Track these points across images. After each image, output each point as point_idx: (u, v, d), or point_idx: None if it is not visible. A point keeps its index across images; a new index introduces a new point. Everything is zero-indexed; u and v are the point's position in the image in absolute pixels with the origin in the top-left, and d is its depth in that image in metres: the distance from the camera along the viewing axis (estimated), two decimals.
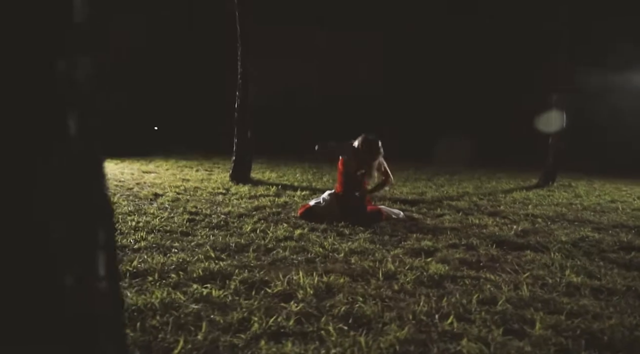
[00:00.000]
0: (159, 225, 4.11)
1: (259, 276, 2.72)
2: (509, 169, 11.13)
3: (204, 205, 5.33)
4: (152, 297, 2.26)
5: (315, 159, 12.03)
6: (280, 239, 3.73)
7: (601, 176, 9.47)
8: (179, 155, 12.55)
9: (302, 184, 7.57)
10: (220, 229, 4.09)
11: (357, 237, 3.91)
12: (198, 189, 6.75)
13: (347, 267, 3.02)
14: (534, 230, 4.40)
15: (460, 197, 6.50)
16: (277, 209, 5.22)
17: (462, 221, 4.77)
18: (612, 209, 5.72)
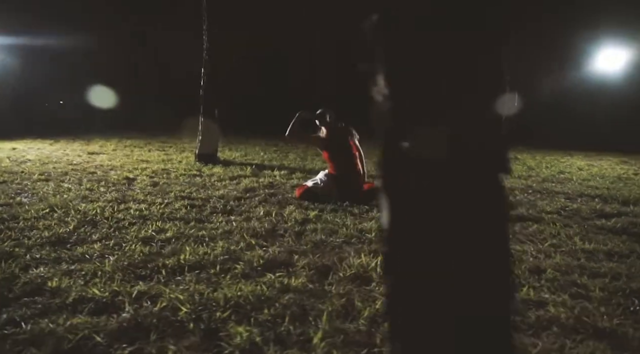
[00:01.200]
0: (165, 213, 3.90)
1: (317, 260, 2.74)
2: None
3: (190, 188, 5.12)
4: (239, 290, 2.20)
5: (271, 137, 11.89)
6: (301, 222, 3.73)
7: (537, 149, 10.40)
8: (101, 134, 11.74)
9: (273, 163, 7.49)
10: (230, 214, 3.98)
11: (369, 216, 4.01)
12: (168, 171, 6.43)
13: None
14: (517, 202, 4.80)
15: None
16: (269, 190, 5.16)
17: None
18: (567, 180, 6.37)
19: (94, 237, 3.13)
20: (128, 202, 4.30)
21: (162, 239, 3.12)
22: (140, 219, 3.67)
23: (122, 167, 6.74)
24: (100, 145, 9.77)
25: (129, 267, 2.54)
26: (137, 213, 3.83)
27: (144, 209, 4.02)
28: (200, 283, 2.32)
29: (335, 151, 4.89)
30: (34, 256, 2.70)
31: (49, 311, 1.98)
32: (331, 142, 4.92)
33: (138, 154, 8.34)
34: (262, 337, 1.74)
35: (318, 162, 7.69)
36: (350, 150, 4.91)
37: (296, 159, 8.14)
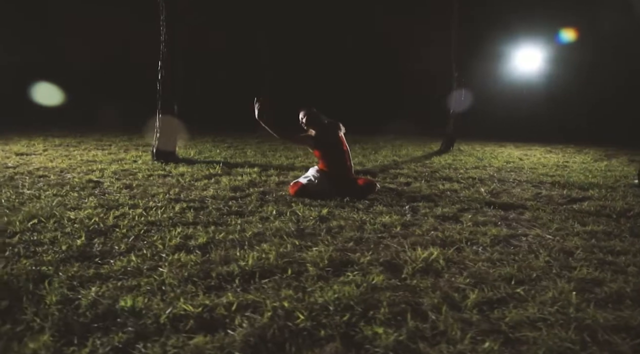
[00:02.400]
0: (173, 217, 3.64)
1: (376, 257, 2.75)
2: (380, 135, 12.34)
3: (172, 190, 4.80)
4: (334, 292, 2.16)
5: (217, 133, 11.48)
6: (320, 219, 3.70)
7: (473, 141, 11.24)
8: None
9: (237, 160, 7.26)
10: (241, 215, 3.82)
11: (376, 210, 4.10)
12: (130, 172, 5.96)
13: (422, 238, 3.23)
14: (496, 191, 5.19)
15: (397, 165, 7.12)
16: (256, 188, 5.02)
17: (432, 188, 5.32)
18: (518, 169, 7.00)
19: (118, 248, 2.84)
20: (117, 207, 3.93)
21: (197, 245, 2.92)
22: (151, 225, 3.39)
23: (72, 169, 6.10)
24: (23, 145, 8.71)
25: (190, 278, 2.36)
26: (143, 219, 3.52)
27: (144, 214, 3.71)
28: (286, 289, 2.23)
29: (326, 149, 4.89)
30: (69, 273, 2.39)
31: (151, 334, 1.78)
32: (321, 140, 4.91)
33: (79, 154, 7.59)
34: (407, 335, 1.75)
35: (281, 158, 7.61)
36: (341, 146, 4.95)
37: (256, 155, 7.97)
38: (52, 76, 14.79)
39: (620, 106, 13.01)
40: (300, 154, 8.08)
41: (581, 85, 12.95)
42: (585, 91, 12.85)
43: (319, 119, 4.95)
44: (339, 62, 15.94)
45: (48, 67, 15.36)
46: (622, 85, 12.78)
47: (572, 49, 12.61)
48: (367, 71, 16.27)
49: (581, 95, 13.01)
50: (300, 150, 8.75)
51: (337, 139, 4.95)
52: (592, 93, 12.70)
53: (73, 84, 15.46)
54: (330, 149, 4.89)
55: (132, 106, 14.26)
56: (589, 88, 12.74)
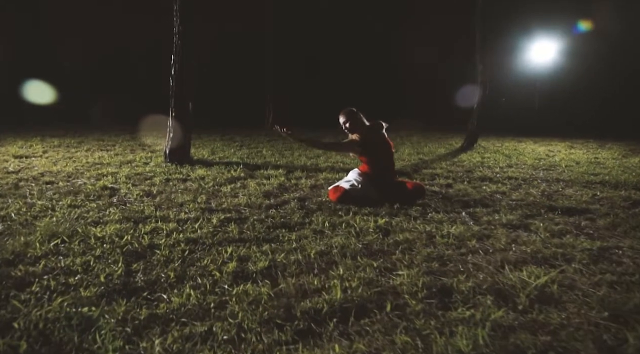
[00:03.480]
0: (215, 233, 3.19)
1: (480, 282, 2.33)
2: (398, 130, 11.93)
3: (198, 197, 4.34)
4: (450, 343, 1.73)
5: (222, 131, 10.97)
6: (378, 231, 3.27)
7: (486, 135, 10.86)
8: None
9: (256, 161, 6.79)
10: (290, 228, 3.37)
11: (434, 218, 3.68)
12: (145, 176, 5.47)
13: (507, 254, 2.82)
14: (547, 192, 4.80)
15: (426, 164, 6.71)
16: (291, 194, 4.57)
17: (478, 190, 4.91)
18: (554, 166, 6.62)
19: (166, 277, 2.38)
20: (145, 221, 3.46)
21: (258, 271, 2.47)
22: (194, 244, 2.93)
23: (80, 173, 5.60)
24: (20, 146, 8.15)
25: (271, 319, 1.92)
26: (182, 236, 3.06)
27: (180, 229, 3.25)
28: (398, 333, 1.80)
29: (373, 153, 4.43)
30: (118, 316, 1.93)
31: None
32: (368, 144, 4.44)
33: (83, 156, 7.07)
34: None
35: (301, 157, 7.15)
36: (388, 147, 4.51)
37: (274, 155, 7.50)
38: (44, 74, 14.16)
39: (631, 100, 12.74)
40: (320, 153, 7.63)
41: (594, 78, 12.64)
42: (599, 84, 12.54)
43: (362, 121, 4.49)
44: (344, 58, 15.47)
45: (40, 65, 14.72)
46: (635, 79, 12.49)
47: (587, 41, 12.27)
48: (371, 67, 15.83)
49: (594, 88, 12.70)
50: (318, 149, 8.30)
51: (383, 140, 4.51)
52: (605, 87, 12.39)
53: (67, 81, 14.85)
54: (378, 152, 4.44)
55: (127, 103, 13.69)
56: (603, 81, 12.43)
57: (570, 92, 12.96)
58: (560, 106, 12.92)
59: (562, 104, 12.92)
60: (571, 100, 13.19)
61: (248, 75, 14.47)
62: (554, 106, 12.81)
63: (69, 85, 14.94)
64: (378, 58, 15.76)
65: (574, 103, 13.19)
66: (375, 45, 15.89)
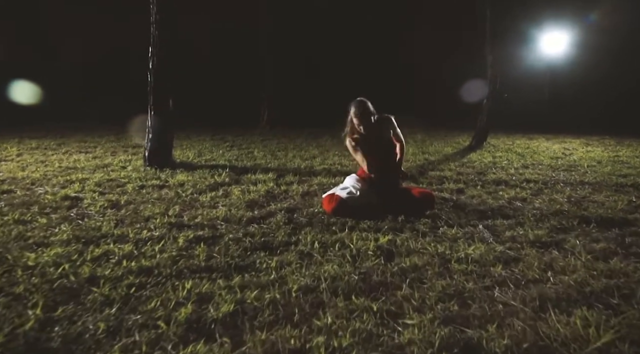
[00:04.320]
0: (178, 259, 2.57)
1: (493, 334, 1.72)
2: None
3: (171, 208, 3.73)
4: None
5: (213, 130, 10.35)
6: (379, 254, 2.65)
7: (495, 131, 10.22)
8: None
9: (245, 164, 6.18)
10: (271, 251, 2.76)
11: (447, 234, 3.06)
12: (117, 182, 4.86)
13: (544, 287, 2.19)
14: (574, 198, 4.17)
15: (433, 165, 6.08)
16: (278, 203, 3.95)
17: (494, 196, 4.29)
18: (573, 166, 5.98)
19: (94, 328, 1.77)
20: (99, 241, 2.86)
21: (219, 319, 1.86)
22: (147, 275, 2.31)
23: (46, 180, 4.99)
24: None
25: None
26: (134, 264, 2.45)
27: (135, 253, 2.63)
28: None
29: (373, 151, 3.82)
30: None
31: None
32: (368, 143, 3.83)
33: (58, 160, 6.47)
34: None
35: (295, 159, 6.53)
36: (393, 148, 3.89)
37: (266, 156, 6.88)
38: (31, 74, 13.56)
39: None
40: (317, 154, 7.01)
41: (608, 71, 11.97)
42: (613, 77, 11.86)
43: (372, 115, 3.85)
44: (342, 54, 14.81)
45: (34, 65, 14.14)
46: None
47: (600, 32, 11.59)
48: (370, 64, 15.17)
49: (608, 82, 12.03)
50: (315, 149, 7.69)
51: (387, 139, 3.88)
52: (620, 80, 11.71)
53: (56, 81, 14.27)
54: (380, 152, 3.83)
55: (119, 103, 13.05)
56: (617, 74, 11.75)
57: (582, 86, 12.29)
58: (572, 100, 12.25)
59: (574, 98, 12.25)
60: (584, 94, 12.52)
61: (244, 73, 13.85)
62: (565, 100, 12.14)
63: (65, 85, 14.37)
64: (378, 54, 15.11)
65: (587, 97, 12.52)
66: (375, 42, 15.25)
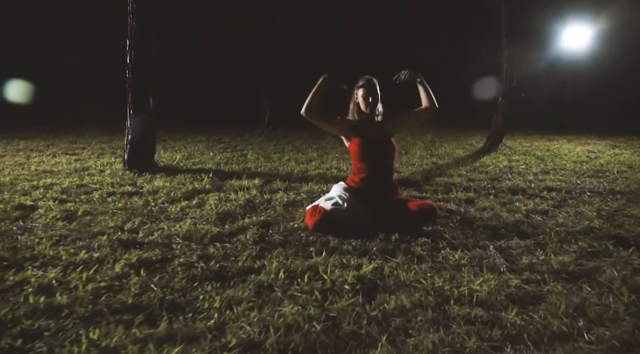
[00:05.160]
0: (93, 290, 2.04)
1: None
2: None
3: (130, 220, 3.22)
4: None
5: (213, 130, 9.87)
6: (358, 289, 2.08)
7: (511, 132, 9.51)
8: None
9: (233, 168, 5.65)
10: (221, 282, 2.21)
11: (448, 260, 2.47)
12: (87, 188, 4.38)
13: (575, 348, 1.60)
14: (606, 212, 3.53)
15: (441, 170, 5.46)
16: (254, 216, 3.41)
17: (509, 208, 3.68)
18: (601, 171, 5.29)
19: None
20: (23, 265, 2.35)
21: None
22: (47, 320, 1.79)
23: (12, 184, 4.54)
24: None
25: None
26: (42, 302, 1.92)
27: (54, 286, 2.11)
28: None
29: (366, 149, 3.25)
30: None
31: None
32: (361, 132, 3.28)
33: (37, 162, 6.04)
34: None
35: (290, 162, 5.98)
36: (390, 150, 3.32)
37: (259, 159, 6.35)
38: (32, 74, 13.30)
39: None
40: (315, 157, 6.45)
41: (635, 67, 11.14)
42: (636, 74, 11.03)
43: (379, 98, 3.31)
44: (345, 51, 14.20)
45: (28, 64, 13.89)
46: None
47: (626, 26, 10.77)
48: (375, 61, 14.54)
49: (634, 79, 11.20)
50: (314, 151, 7.13)
51: (386, 138, 3.32)
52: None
53: (59, 81, 14.00)
54: (374, 151, 3.26)
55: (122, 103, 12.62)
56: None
57: (606, 83, 11.46)
58: (594, 98, 11.44)
59: (596, 97, 11.44)
60: (607, 92, 11.69)
61: (246, 72, 13.37)
62: (587, 98, 11.34)
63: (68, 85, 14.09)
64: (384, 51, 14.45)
65: (611, 96, 11.69)
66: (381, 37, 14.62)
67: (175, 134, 9.40)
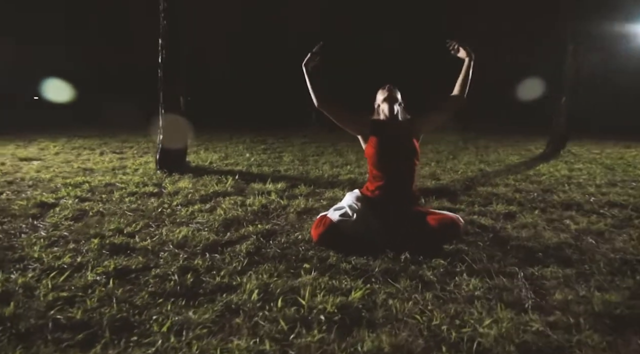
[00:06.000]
0: (44, 306, 1.89)
1: None
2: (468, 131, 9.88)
3: (134, 223, 3.10)
4: None
5: (259, 131, 9.84)
6: (337, 321, 1.75)
7: (579, 136, 8.57)
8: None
9: (264, 170, 5.47)
10: (188, 301, 1.97)
11: (462, 289, 2.06)
12: (113, 187, 4.38)
13: None
14: None
15: (486, 178, 4.92)
16: (261, 224, 3.16)
17: (555, 226, 3.14)
18: None
19: None
20: (6, 267, 2.28)
21: None
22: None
23: (49, 181, 4.66)
24: (41, 147, 7.61)
25: None
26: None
27: (22, 291, 1.99)
28: None
29: (383, 152, 2.89)
30: None
31: None
32: (380, 133, 2.93)
33: (84, 160, 6.26)
34: None
35: (324, 166, 5.70)
36: (411, 155, 2.93)
37: (294, 161, 6.13)
38: (109, 75, 14.09)
39: None
40: (352, 160, 6.12)
41: None
42: None
43: (397, 101, 2.96)
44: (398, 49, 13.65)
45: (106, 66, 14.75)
46: None
47: None
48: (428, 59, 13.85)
49: None
50: (354, 154, 6.80)
51: (410, 147, 2.93)
52: None
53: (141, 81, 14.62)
54: (395, 160, 2.89)
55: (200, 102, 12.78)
56: None
57: None
58: None
59: None
60: None
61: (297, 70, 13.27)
62: None
63: (142, 85, 14.77)
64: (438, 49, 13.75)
65: None
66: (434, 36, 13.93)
67: (222, 134, 9.46)
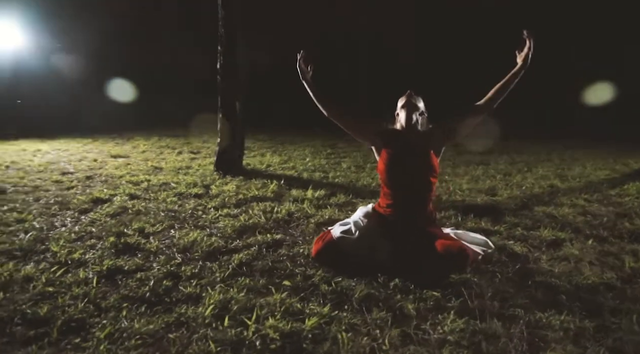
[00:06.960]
0: (17, 312, 2.03)
1: None
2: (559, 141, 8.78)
3: (157, 225, 3.26)
4: None
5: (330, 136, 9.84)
6: (274, 345, 1.64)
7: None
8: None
9: (315, 175, 5.43)
10: (148, 311, 1.99)
11: (436, 329, 1.80)
12: (166, 186, 4.67)
13: None
14: None
15: (552, 197, 4.32)
16: (275, 234, 3.12)
17: (605, 260, 2.63)
18: None
19: None
20: (27, 257, 2.53)
21: None
22: None
23: (118, 178, 5.13)
24: (133, 145, 8.43)
25: None
26: None
27: (18, 289, 2.19)
28: None
29: (395, 160, 2.68)
30: None
31: None
32: (394, 137, 2.73)
33: (160, 159, 6.79)
34: None
35: (368, 177, 5.49)
36: (427, 170, 2.67)
37: (350, 168, 6.00)
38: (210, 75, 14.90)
39: None
40: None
41: None
42: None
43: (416, 111, 2.73)
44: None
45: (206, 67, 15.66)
46: None
47: None
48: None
49: None
50: None
51: (427, 161, 2.68)
52: None
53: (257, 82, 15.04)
54: (409, 175, 2.67)
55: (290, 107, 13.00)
56: None
57: None
58: None
59: None
60: None
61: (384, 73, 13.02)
62: None
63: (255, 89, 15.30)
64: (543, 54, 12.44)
65: None
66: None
67: (296, 137, 9.63)
